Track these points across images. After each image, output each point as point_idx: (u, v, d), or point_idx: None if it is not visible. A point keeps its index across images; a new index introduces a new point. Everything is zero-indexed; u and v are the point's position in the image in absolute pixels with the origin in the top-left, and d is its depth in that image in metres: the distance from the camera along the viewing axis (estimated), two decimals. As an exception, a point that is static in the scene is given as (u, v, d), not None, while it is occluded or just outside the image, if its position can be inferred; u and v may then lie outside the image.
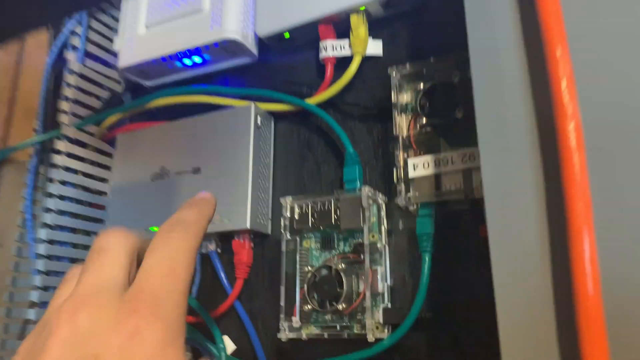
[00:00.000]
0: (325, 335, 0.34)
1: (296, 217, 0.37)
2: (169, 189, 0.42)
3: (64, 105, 0.46)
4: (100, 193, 0.48)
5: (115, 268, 0.22)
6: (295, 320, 0.35)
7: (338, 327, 0.33)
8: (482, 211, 0.31)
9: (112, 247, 0.23)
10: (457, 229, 0.33)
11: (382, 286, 0.34)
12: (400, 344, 0.33)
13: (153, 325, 0.20)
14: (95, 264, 0.22)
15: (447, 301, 0.33)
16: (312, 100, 0.39)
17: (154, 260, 0.22)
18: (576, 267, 0.20)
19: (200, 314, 0.39)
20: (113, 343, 0.19)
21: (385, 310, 0.33)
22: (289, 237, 0.37)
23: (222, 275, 0.41)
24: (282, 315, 0.35)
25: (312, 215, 0.36)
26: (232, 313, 0.40)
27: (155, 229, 0.42)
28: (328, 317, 0.34)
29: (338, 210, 0.35)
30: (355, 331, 0.33)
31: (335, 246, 0.36)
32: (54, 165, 0.44)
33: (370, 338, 0.32)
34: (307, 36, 0.41)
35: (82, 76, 0.47)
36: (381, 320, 0.33)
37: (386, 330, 0.33)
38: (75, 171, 0.46)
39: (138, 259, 0.24)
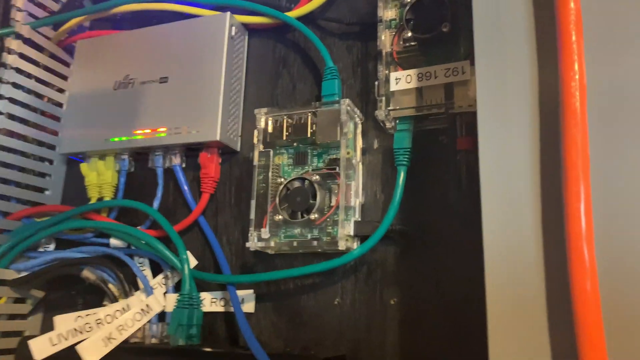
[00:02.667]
0: (295, 244, 0.33)
1: (270, 130, 0.36)
2: (134, 98, 0.40)
3: (19, 2, 0.42)
4: (56, 104, 0.45)
5: None
6: (265, 231, 0.34)
7: (309, 237, 0.33)
8: (462, 125, 0.31)
9: None
10: (435, 146, 0.33)
11: (354, 201, 0.34)
12: (369, 255, 0.34)
13: None
14: None
15: (420, 216, 0.33)
16: (292, 14, 0.38)
17: None
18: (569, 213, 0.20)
19: (162, 227, 0.37)
20: None
21: (356, 222, 0.33)
22: (262, 149, 0.36)
23: (186, 189, 0.40)
24: (251, 227, 0.34)
25: (287, 129, 0.35)
26: (195, 228, 0.39)
27: (116, 139, 0.40)
28: (297, 230, 0.34)
29: (314, 125, 0.34)
30: (325, 240, 0.33)
31: (309, 162, 0.35)
32: (4, 65, 0.41)
33: (342, 246, 0.32)
34: (289, -53, 0.39)
35: (39, -27, 0.44)
36: (352, 232, 0.33)
37: (355, 243, 0.33)
38: (28, 75, 0.42)
39: None
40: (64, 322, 0.35)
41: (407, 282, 0.33)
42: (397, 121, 0.33)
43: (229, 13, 0.39)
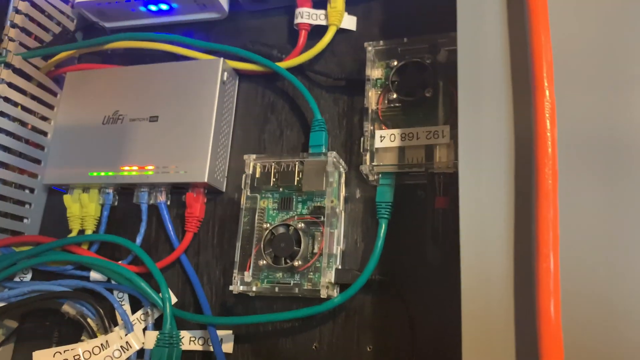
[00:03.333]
0: (276, 290, 0.34)
1: (257, 175, 0.37)
2: (122, 134, 0.41)
3: (11, 32, 0.43)
4: (40, 132, 0.45)
5: None
6: (248, 274, 0.35)
7: (291, 283, 0.34)
8: (440, 185, 0.33)
9: None
10: (414, 200, 0.35)
11: (336, 248, 0.35)
12: (348, 302, 0.35)
13: None
14: None
15: (399, 267, 0.35)
16: (283, 64, 0.40)
17: None
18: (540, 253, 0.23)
19: (145, 263, 0.38)
20: None
21: (337, 270, 0.34)
22: (249, 194, 0.37)
23: (170, 227, 0.40)
24: (235, 270, 0.35)
25: (274, 176, 0.37)
26: (177, 266, 0.40)
27: (102, 174, 0.41)
28: (279, 274, 0.35)
29: (301, 173, 0.36)
30: (306, 286, 0.34)
31: (293, 208, 0.36)
32: (-8, 94, 0.41)
33: (323, 293, 0.33)
34: (283, 0, 0.41)
35: (33, 4, 0.44)
36: (333, 280, 0.34)
37: (336, 291, 0.35)
38: (15, 103, 0.43)
39: None
40: (43, 358, 0.35)
41: (384, 330, 0.34)
42: (380, 175, 0.35)
43: (222, 59, 0.41)
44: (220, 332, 0.37)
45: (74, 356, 0.35)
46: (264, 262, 0.35)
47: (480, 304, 0.24)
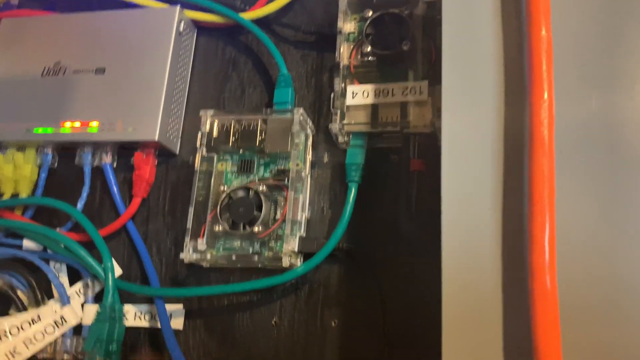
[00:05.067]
0: (233, 258, 0.31)
1: (215, 134, 0.34)
2: (64, 88, 0.37)
3: (-64, -33, 0.38)
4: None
5: None
6: (202, 242, 0.32)
7: (250, 251, 0.31)
8: (415, 147, 0.31)
9: None
10: (386, 165, 0.33)
11: (301, 215, 0.32)
12: (312, 274, 0.32)
13: None
14: None
15: (369, 236, 0.32)
16: (246, 16, 0.36)
17: None
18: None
19: (86, 230, 0.34)
20: None
21: (301, 238, 0.31)
22: (204, 154, 0.33)
23: (115, 191, 0.36)
24: (187, 237, 0.32)
25: (234, 135, 0.33)
26: (123, 234, 0.36)
27: (40, 130, 0.36)
28: (237, 243, 0.32)
29: (264, 132, 0.33)
30: (267, 255, 0.31)
31: (255, 171, 0.33)
32: None
33: (285, 262, 0.30)
34: (249, -54, 0.37)
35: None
36: (296, 248, 0.31)
37: (299, 260, 0.32)
38: (-60, 50, 0.38)
39: None
40: (-38, 333, 0.31)
41: (351, 305, 0.31)
42: (351, 136, 0.32)
43: (178, 7, 0.37)
44: (169, 307, 0.33)
45: (1, 330, 0.31)
46: (221, 228, 0.32)
47: (464, 276, 0.22)
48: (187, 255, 0.31)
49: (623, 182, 0.21)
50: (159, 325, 0.33)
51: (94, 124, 0.35)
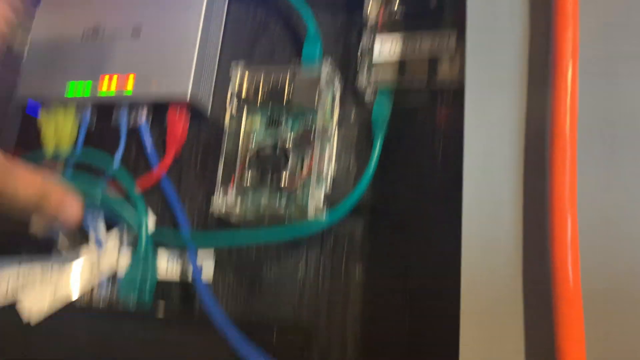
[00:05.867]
0: (261, 210, 0.32)
1: (244, 91, 0.34)
2: (102, 48, 0.38)
3: None
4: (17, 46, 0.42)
5: None
6: (231, 195, 0.33)
7: (277, 204, 0.32)
8: (441, 104, 0.31)
9: None
10: (412, 123, 0.33)
11: (327, 171, 0.33)
12: (337, 228, 0.33)
13: None
14: None
15: (392, 193, 0.32)
16: (276, -24, 0.37)
17: None
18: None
19: (122, 183, 0.35)
20: None
21: (327, 191, 0.32)
22: (234, 111, 0.34)
23: (150, 149, 0.38)
24: (217, 191, 0.33)
25: (263, 91, 0.34)
26: (156, 192, 0.38)
27: (78, 91, 0.38)
28: (265, 197, 0.33)
29: (292, 88, 0.33)
30: (294, 209, 0.32)
31: (282, 126, 0.34)
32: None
33: (311, 215, 0.31)
34: None
35: None
36: (322, 201, 0.32)
37: (324, 213, 0.32)
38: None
39: None
40: (4, 277, 0.32)
41: (374, 257, 0.32)
42: (377, 92, 0.33)
43: (212, -32, 0.38)
44: (200, 259, 0.34)
45: (39, 277, 0.33)
46: (249, 182, 0.33)
47: (484, 238, 0.22)
48: (217, 207, 0.33)
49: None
50: (189, 276, 0.34)
51: (130, 83, 0.37)
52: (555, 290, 0.20)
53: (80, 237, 0.35)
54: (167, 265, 0.35)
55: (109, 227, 0.36)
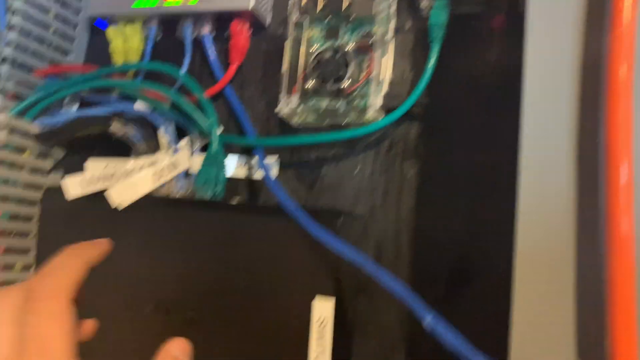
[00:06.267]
0: (322, 111, 0.34)
1: (304, 1, 0.36)
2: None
3: None
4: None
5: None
6: (294, 98, 0.35)
7: (337, 107, 0.34)
8: (497, 9, 0.32)
9: (49, 328, 0.22)
10: (468, 30, 0.34)
11: (384, 74, 0.35)
12: (392, 130, 0.35)
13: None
14: None
15: (446, 96, 0.34)
16: None
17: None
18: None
19: (191, 90, 0.38)
20: None
21: (384, 95, 0.34)
22: (294, 20, 0.36)
23: (213, 59, 0.40)
24: (281, 93, 0.36)
25: (322, 1, 0.36)
26: (221, 99, 0.40)
27: (145, 3, 0.40)
28: (325, 100, 0.35)
29: (351, -3, 0.35)
30: (353, 111, 0.34)
31: (341, 34, 0.36)
32: None
33: (370, 116, 0.33)
34: None
35: None
36: (380, 104, 0.34)
37: (382, 116, 0.35)
38: None
39: None
40: (95, 166, 0.36)
41: (427, 158, 0.34)
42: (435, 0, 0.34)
43: None
44: (264, 161, 0.37)
45: (123, 170, 0.36)
46: (311, 86, 0.35)
47: (540, 162, 0.24)
48: (282, 108, 0.35)
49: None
50: (254, 176, 0.38)
51: (195, -5, 0.39)
52: (608, 235, 0.20)
53: (156, 141, 0.38)
54: (234, 165, 0.38)
55: (181, 132, 0.39)
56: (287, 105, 0.35)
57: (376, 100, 0.34)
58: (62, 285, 0.23)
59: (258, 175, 0.38)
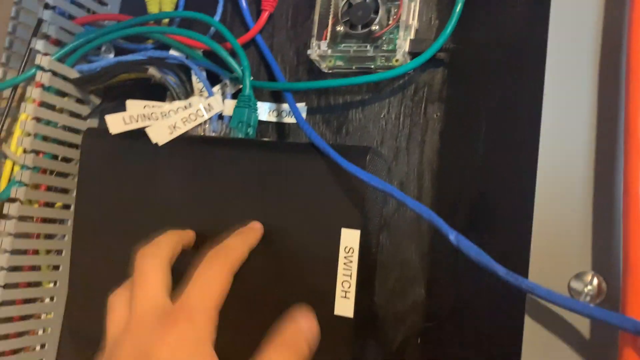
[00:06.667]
0: (351, 53, 0.36)
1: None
2: None
3: None
4: None
5: (157, 289, 0.27)
6: (325, 42, 0.37)
7: (366, 49, 0.36)
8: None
9: (149, 270, 0.28)
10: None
11: (412, 20, 0.36)
12: (418, 75, 0.37)
13: (189, 332, 0.25)
14: (140, 290, 0.27)
15: (471, 43, 0.36)
16: None
17: (194, 291, 0.27)
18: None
19: (225, 37, 0.40)
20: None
21: (411, 40, 0.36)
22: (326, -34, 0.38)
23: (245, 6, 0.42)
24: (313, 37, 0.37)
25: (352, -51, 0.37)
26: (252, 47, 0.42)
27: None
28: (355, 44, 0.36)
29: (381, -55, 0.36)
30: (381, 54, 0.35)
31: (370, -17, 0.37)
32: None
33: (397, 59, 0.35)
34: None
35: None
36: (407, 48, 0.35)
37: (408, 61, 0.36)
38: None
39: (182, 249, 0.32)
40: (135, 106, 0.38)
41: (451, 102, 0.36)
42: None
43: None
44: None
45: (161, 112, 0.38)
46: (341, 30, 0.36)
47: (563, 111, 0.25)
48: (313, 52, 0.37)
49: None
50: (284, 121, 0.39)
51: (228, -55, 0.40)
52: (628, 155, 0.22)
53: (190, 86, 0.40)
54: (265, 111, 0.40)
55: (213, 79, 0.41)
56: (318, 50, 0.37)
57: (403, 45, 0.35)
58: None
59: (287, 119, 0.39)
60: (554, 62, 0.26)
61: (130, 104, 0.38)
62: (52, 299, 0.43)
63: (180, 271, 0.29)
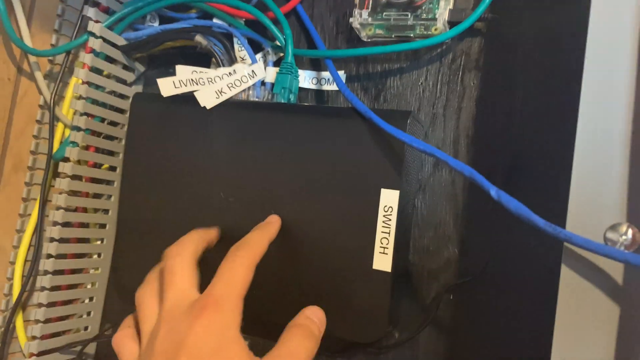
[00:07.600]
0: (391, 21, 0.37)
1: None
2: None
3: None
4: None
5: (185, 283, 0.29)
6: (366, 12, 0.38)
7: (406, 17, 0.37)
8: None
9: (176, 267, 0.30)
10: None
11: (451, -8, 0.37)
12: (455, 44, 0.38)
13: (216, 319, 0.27)
14: (169, 286, 0.29)
15: (508, 13, 0.37)
16: None
17: (219, 283, 0.28)
18: None
19: (268, 5, 0.41)
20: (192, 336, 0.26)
21: (451, 9, 0.37)
22: (368, -62, 0.39)
23: (287, -21, 0.43)
24: (356, 5, 0.38)
25: None
26: (292, 17, 0.43)
27: None
28: (395, 13, 0.38)
29: None
30: (421, 23, 0.37)
31: (411, -45, 0.38)
32: None
33: (439, 26, 0.36)
34: None
35: None
36: (447, 17, 0.37)
37: (447, 30, 0.37)
38: None
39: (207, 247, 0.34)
40: (184, 71, 0.40)
41: (488, 70, 0.37)
42: None
43: None
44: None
45: (207, 78, 0.40)
46: (381, 2, 0.38)
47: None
48: (355, 20, 0.38)
49: None
50: (322, 87, 0.41)
51: None
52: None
53: (234, 54, 0.42)
54: (305, 77, 0.41)
55: (255, 47, 0.43)
56: (360, 18, 0.38)
57: (443, 14, 0.36)
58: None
59: (326, 87, 0.41)
60: (595, 32, 0.27)
61: (180, 69, 0.40)
62: (99, 255, 0.46)
63: (210, 269, 0.31)
